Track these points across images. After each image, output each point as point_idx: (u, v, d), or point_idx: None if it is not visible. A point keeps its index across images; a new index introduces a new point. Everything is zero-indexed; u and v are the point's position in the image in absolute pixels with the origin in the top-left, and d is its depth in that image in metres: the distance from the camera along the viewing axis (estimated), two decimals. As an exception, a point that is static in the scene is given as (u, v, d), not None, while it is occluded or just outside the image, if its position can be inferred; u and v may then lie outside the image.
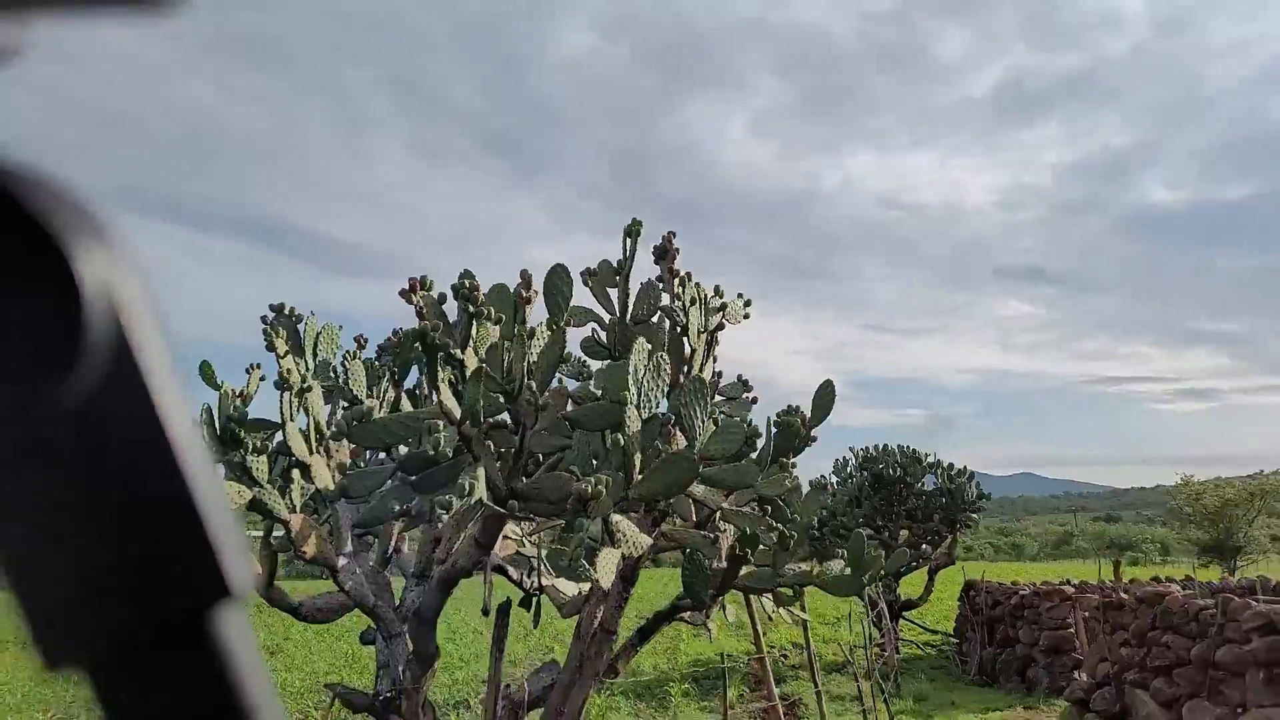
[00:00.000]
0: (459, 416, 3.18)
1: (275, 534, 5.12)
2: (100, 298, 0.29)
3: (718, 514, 4.78)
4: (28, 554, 0.29)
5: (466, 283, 3.25)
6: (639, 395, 3.35)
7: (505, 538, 6.38)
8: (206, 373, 4.02)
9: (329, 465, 4.33)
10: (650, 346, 3.43)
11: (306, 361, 4.22)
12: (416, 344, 2.98)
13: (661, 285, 4.21)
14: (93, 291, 0.29)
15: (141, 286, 0.31)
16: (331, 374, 4.58)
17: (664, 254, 4.41)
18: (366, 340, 4.82)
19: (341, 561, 4.25)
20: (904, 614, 16.03)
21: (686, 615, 5.63)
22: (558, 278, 3.34)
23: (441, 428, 3.02)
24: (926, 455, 15.56)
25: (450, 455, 3.02)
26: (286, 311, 4.22)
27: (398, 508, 3.54)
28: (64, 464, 0.29)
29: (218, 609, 0.31)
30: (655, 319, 4.13)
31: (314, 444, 4.21)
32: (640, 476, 3.35)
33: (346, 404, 4.50)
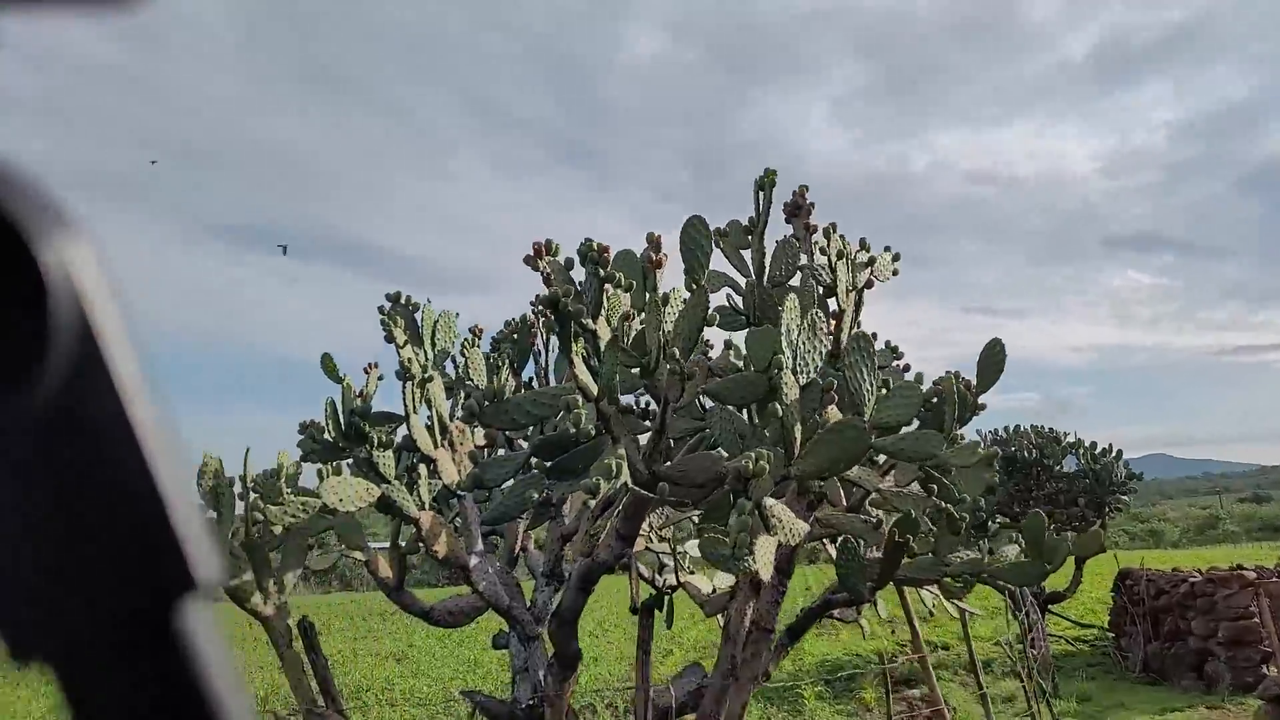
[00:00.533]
0: (596, 393, 2.85)
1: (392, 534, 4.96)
2: (66, 293, 0.29)
3: (869, 498, 4.32)
4: None
5: (594, 244, 2.93)
6: (794, 358, 2.94)
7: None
8: (328, 366, 3.84)
9: (454, 460, 4.09)
10: (802, 303, 3.02)
11: (425, 351, 4.00)
12: (544, 312, 2.67)
13: (798, 243, 3.79)
14: (58, 287, 0.29)
15: (106, 280, 0.30)
16: (451, 364, 4.36)
17: (797, 210, 3.99)
18: (482, 330, 4.58)
19: (473, 560, 4.00)
20: (1049, 607, 14.95)
21: (835, 611, 5.18)
22: (695, 230, 2.97)
23: (580, 404, 2.70)
24: (1065, 435, 14.46)
25: (591, 435, 2.69)
26: (403, 300, 4.01)
27: (536, 496, 3.25)
28: (30, 458, 0.29)
29: (184, 602, 0.31)
30: (795, 279, 3.71)
31: (438, 437, 3.98)
32: (802, 451, 2.95)
33: (466, 395, 4.28)
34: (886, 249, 3.92)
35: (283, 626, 4.04)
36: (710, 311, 2.91)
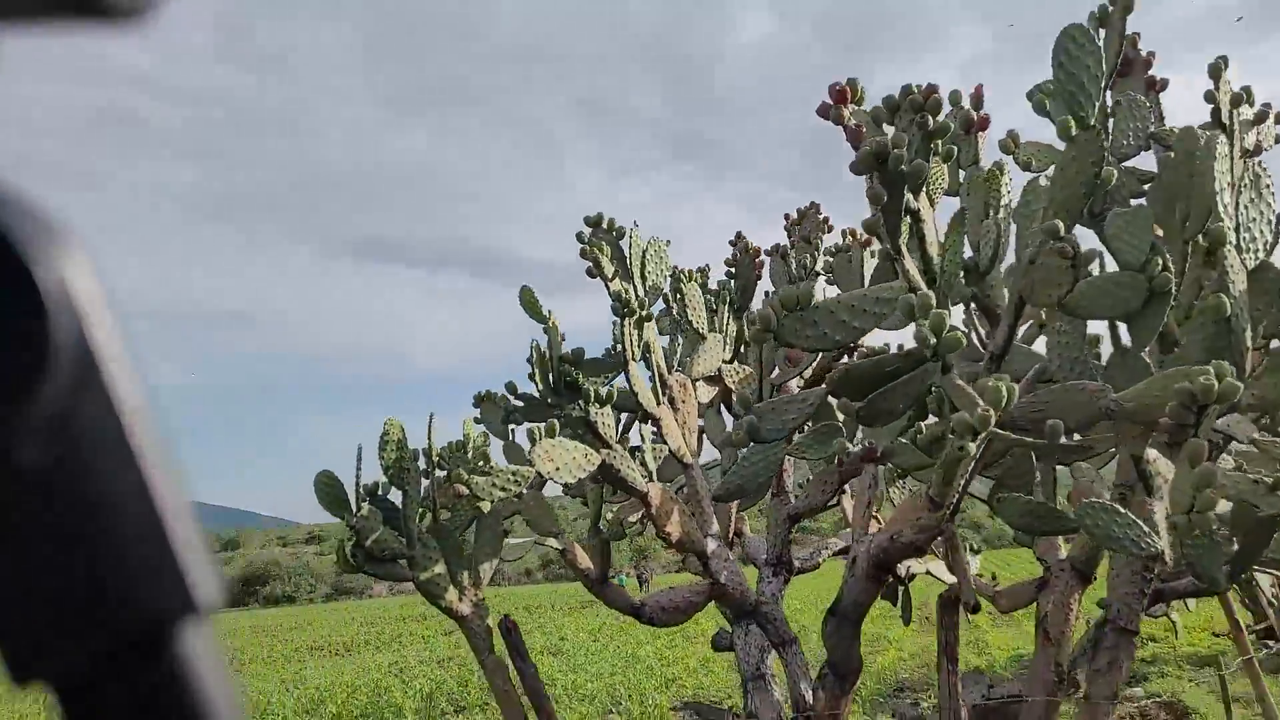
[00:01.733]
0: (933, 299, 1.94)
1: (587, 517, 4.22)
2: (63, 309, 0.29)
3: (1221, 454, 3.23)
4: None
5: (916, 88, 2.02)
6: (1236, 228, 1.95)
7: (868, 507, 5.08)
8: (529, 300, 3.10)
9: (678, 421, 3.28)
10: (1229, 145, 2.01)
11: (636, 286, 3.21)
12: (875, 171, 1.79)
13: (1147, 105, 2.75)
14: (55, 301, 0.29)
15: (103, 295, 0.30)
16: (665, 303, 3.56)
17: (1128, 66, 2.95)
18: (709, 268, 3.75)
19: (711, 545, 3.19)
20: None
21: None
22: (1076, 43, 1.99)
23: (931, 303, 1.80)
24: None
25: (949, 346, 1.80)
26: (605, 224, 3.22)
27: (850, 447, 2.40)
28: (28, 478, 0.29)
29: (183, 624, 0.31)
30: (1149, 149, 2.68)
31: (659, 392, 3.18)
32: (1256, 370, 1.95)
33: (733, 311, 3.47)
34: (1266, 105, 2.82)
35: (482, 628, 3.35)
36: (1106, 169, 1.94)
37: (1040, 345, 2.82)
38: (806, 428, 2.75)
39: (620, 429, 3.18)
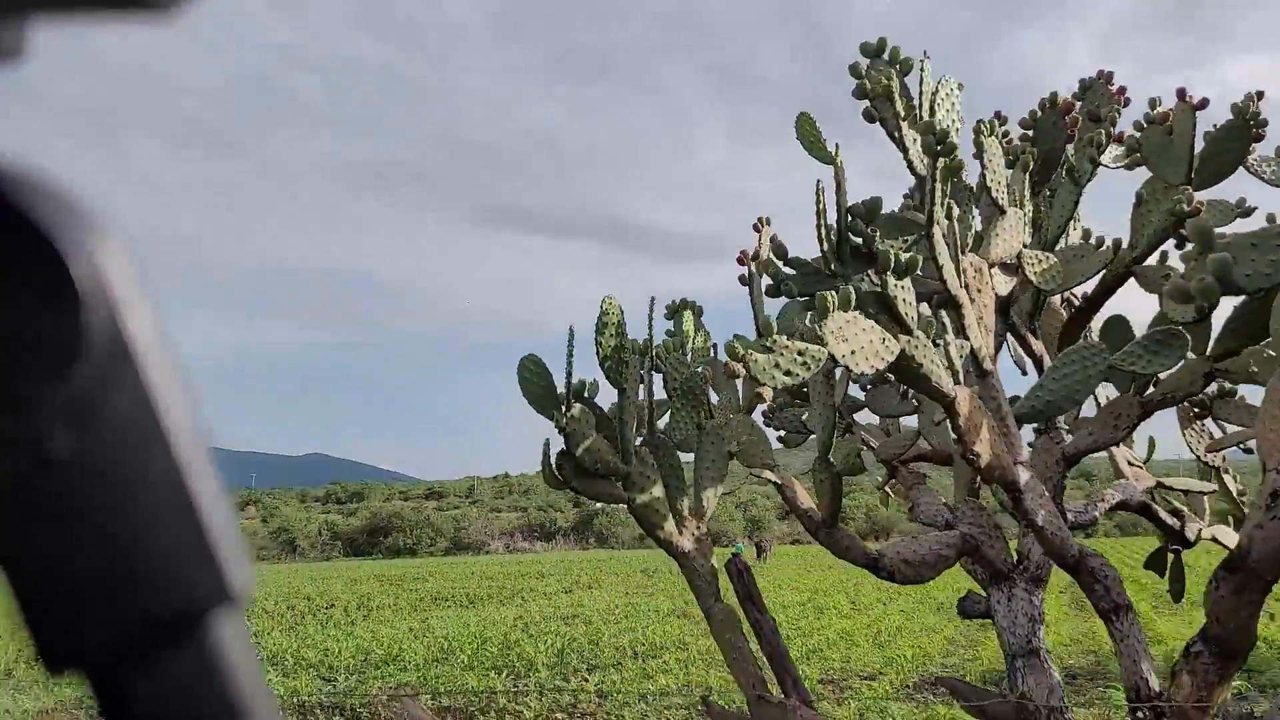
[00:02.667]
0: None
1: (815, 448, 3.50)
2: (96, 296, 0.29)
3: None
4: (27, 556, 0.29)
5: None
6: None
7: (1131, 464, 4.17)
8: (808, 133, 2.37)
9: (975, 314, 2.50)
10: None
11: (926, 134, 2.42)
12: None
13: None
14: (88, 290, 0.29)
15: (137, 282, 0.30)
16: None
17: None
18: (1006, 118, 2.93)
19: (1023, 476, 2.41)
20: None
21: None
22: None
23: None
24: None
25: None
26: (886, 55, 2.45)
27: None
28: (62, 464, 0.29)
29: (216, 613, 0.31)
30: None
31: (958, 271, 2.41)
32: None
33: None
34: None
35: (705, 568, 2.70)
36: None
37: None
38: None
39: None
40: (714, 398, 2.98)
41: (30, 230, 0.28)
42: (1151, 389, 3.14)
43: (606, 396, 2.66)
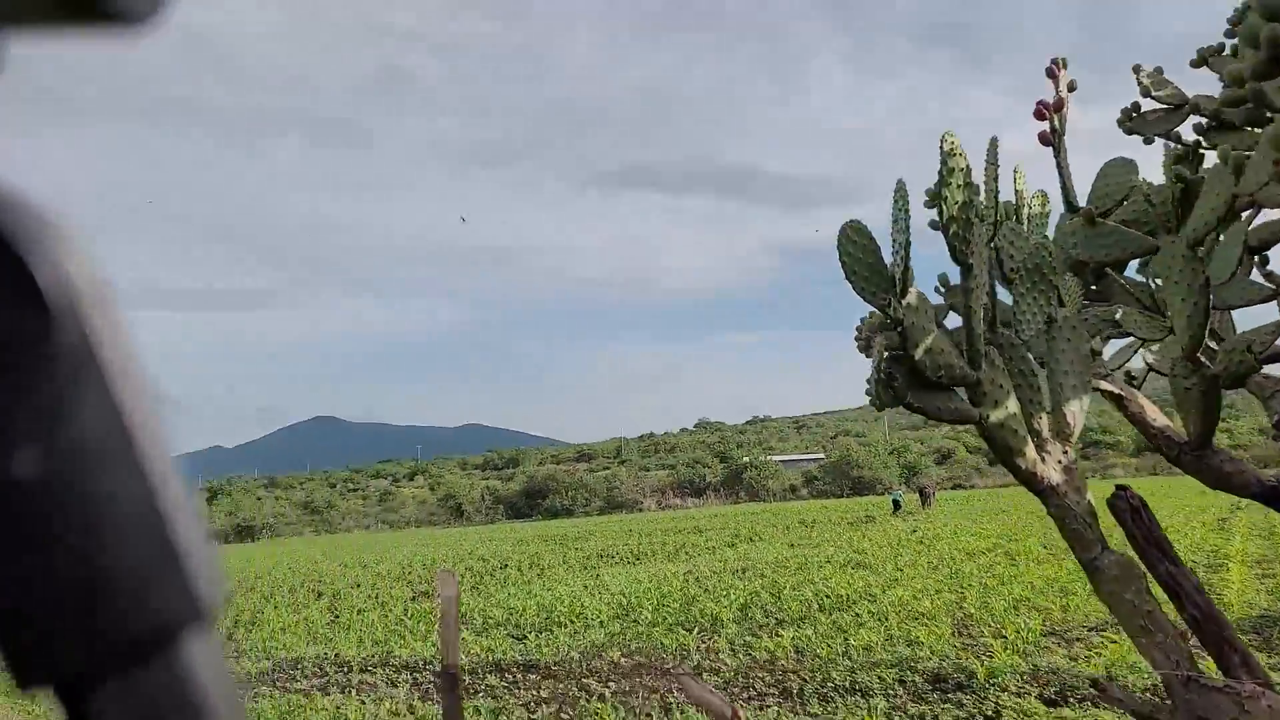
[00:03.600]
0: None
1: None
2: (64, 307, 0.29)
3: None
4: None
5: None
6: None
7: None
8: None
9: None
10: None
11: None
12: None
13: None
14: (55, 301, 0.29)
15: (106, 292, 0.30)
16: None
17: None
18: None
19: None
20: None
21: None
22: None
23: None
24: None
25: None
26: None
27: None
28: (30, 480, 0.28)
29: (188, 631, 0.31)
30: None
31: None
32: None
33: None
34: None
35: (1081, 505, 1.98)
36: None
37: None
38: None
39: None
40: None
41: None
42: None
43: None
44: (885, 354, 1.79)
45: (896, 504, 37.52)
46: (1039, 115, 2.83)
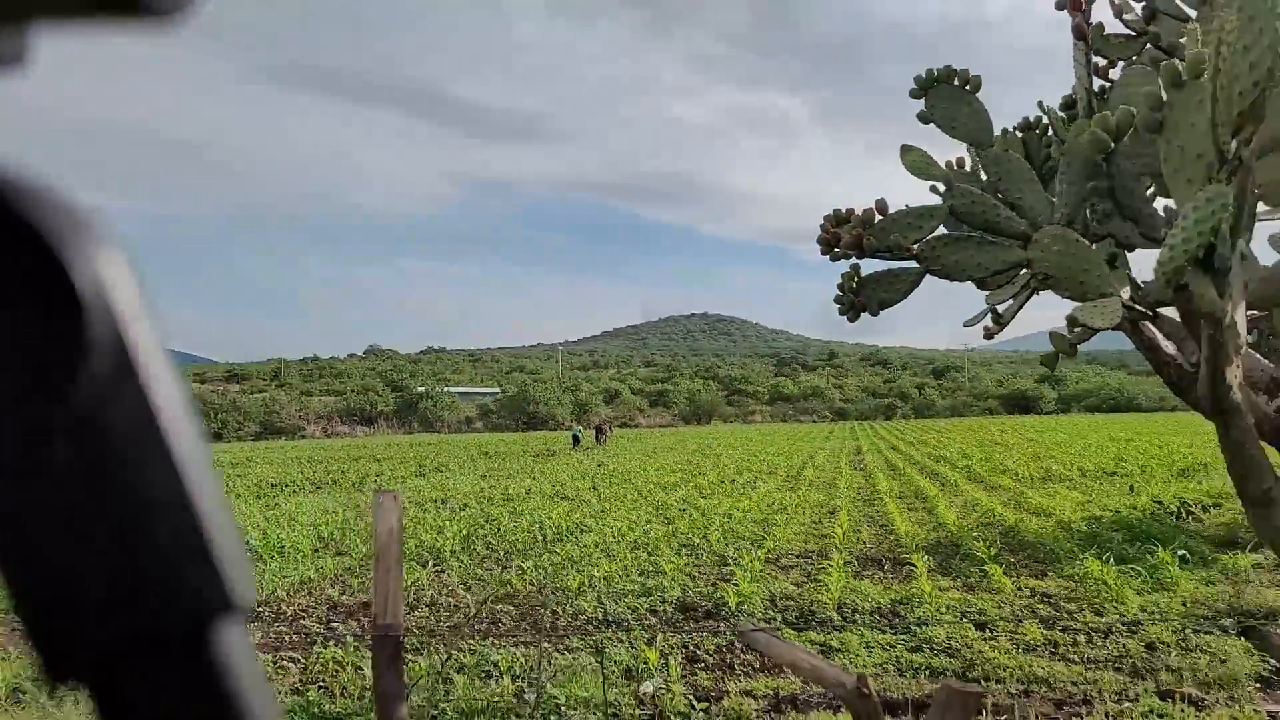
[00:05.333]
0: None
1: None
2: (99, 307, 0.29)
3: None
4: (30, 565, 0.29)
5: None
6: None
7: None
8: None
9: None
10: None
11: None
12: None
13: None
14: (91, 299, 0.29)
15: (138, 291, 0.30)
16: None
17: None
18: None
19: None
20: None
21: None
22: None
23: None
24: None
25: None
26: None
27: None
28: (65, 474, 0.29)
29: (219, 622, 0.31)
30: None
31: None
32: None
33: None
34: None
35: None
36: None
37: None
38: None
39: None
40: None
41: (32, 239, 0.28)
42: None
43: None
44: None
45: (576, 439, 38.99)
46: (1072, 5, 2.59)
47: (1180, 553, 8.83)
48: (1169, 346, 2.54)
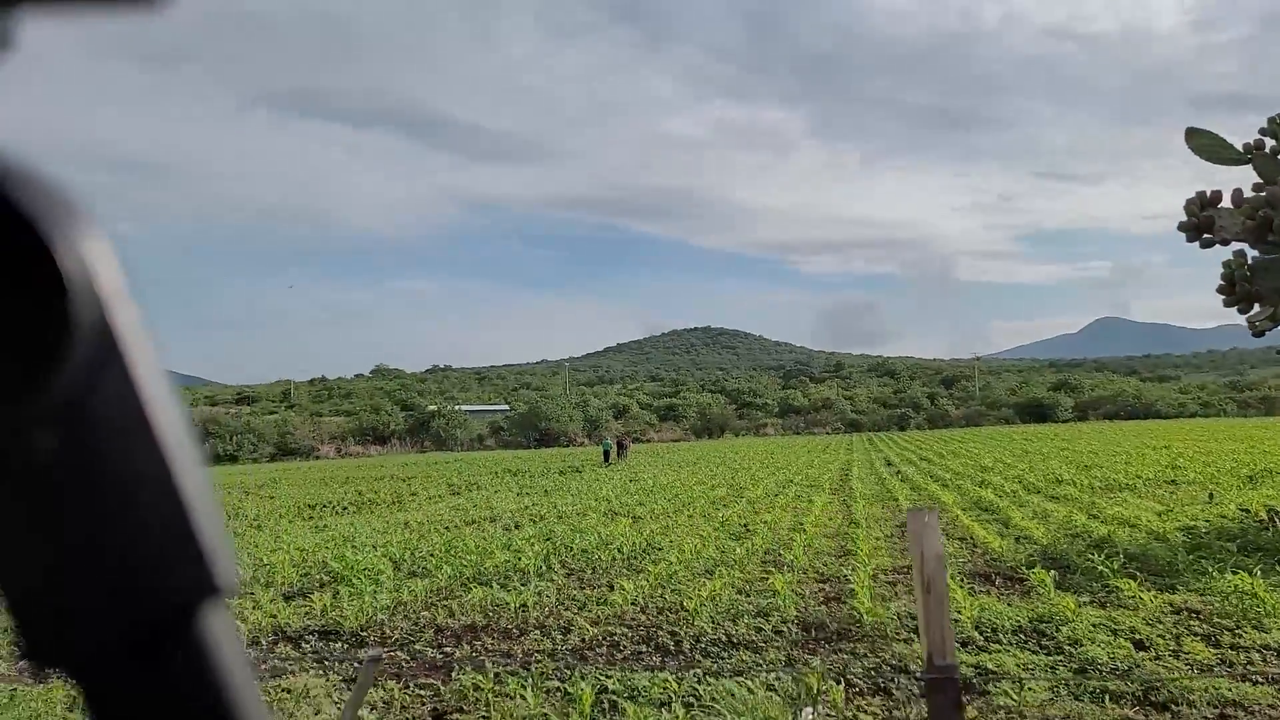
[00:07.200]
0: None
1: None
2: (85, 293, 0.28)
3: None
4: (15, 553, 0.28)
5: None
6: None
7: None
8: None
9: None
10: None
11: None
12: None
13: None
14: (78, 288, 0.28)
15: (123, 280, 0.30)
16: None
17: None
18: None
19: None
20: None
21: None
22: None
23: None
24: None
25: None
26: None
27: None
28: (50, 461, 0.28)
29: (205, 607, 0.31)
30: None
31: None
32: None
33: None
34: None
35: None
36: None
37: None
38: None
39: None
40: None
41: (19, 225, 0.27)
42: None
43: None
44: None
45: (607, 454, 38.67)
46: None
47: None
48: None
